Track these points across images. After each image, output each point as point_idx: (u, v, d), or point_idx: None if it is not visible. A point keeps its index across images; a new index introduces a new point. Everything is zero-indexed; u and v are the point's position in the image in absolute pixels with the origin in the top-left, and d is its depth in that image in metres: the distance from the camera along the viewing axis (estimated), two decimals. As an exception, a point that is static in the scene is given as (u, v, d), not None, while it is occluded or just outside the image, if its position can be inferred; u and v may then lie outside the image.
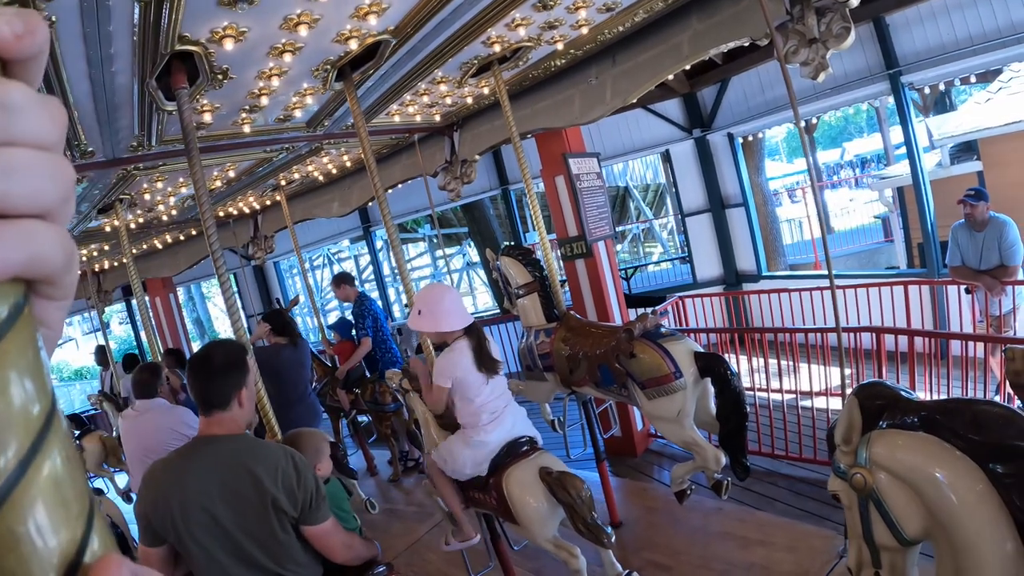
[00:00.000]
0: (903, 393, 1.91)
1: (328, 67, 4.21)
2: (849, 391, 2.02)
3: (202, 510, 2.43)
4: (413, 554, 5.75)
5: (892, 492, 1.83)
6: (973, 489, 1.69)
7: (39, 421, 0.39)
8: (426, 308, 3.73)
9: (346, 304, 8.04)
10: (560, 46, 5.12)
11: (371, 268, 16.19)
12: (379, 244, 15.14)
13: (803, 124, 11.21)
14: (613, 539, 3.43)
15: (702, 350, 4.15)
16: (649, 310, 5.29)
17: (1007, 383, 5.48)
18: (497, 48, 4.77)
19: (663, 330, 4.28)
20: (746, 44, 4.77)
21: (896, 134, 17.00)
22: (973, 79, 8.77)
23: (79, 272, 0.46)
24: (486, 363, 3.76)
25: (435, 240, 21.53)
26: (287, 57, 3.82)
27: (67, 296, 0.44)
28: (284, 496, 2.52)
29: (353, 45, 3.90)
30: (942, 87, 9.41)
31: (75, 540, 0.40)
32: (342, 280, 7.95)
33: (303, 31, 3.49)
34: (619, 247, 21.58)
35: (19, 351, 0.38)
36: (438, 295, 3.78)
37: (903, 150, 10.96)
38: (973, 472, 1.70)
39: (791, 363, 6.76)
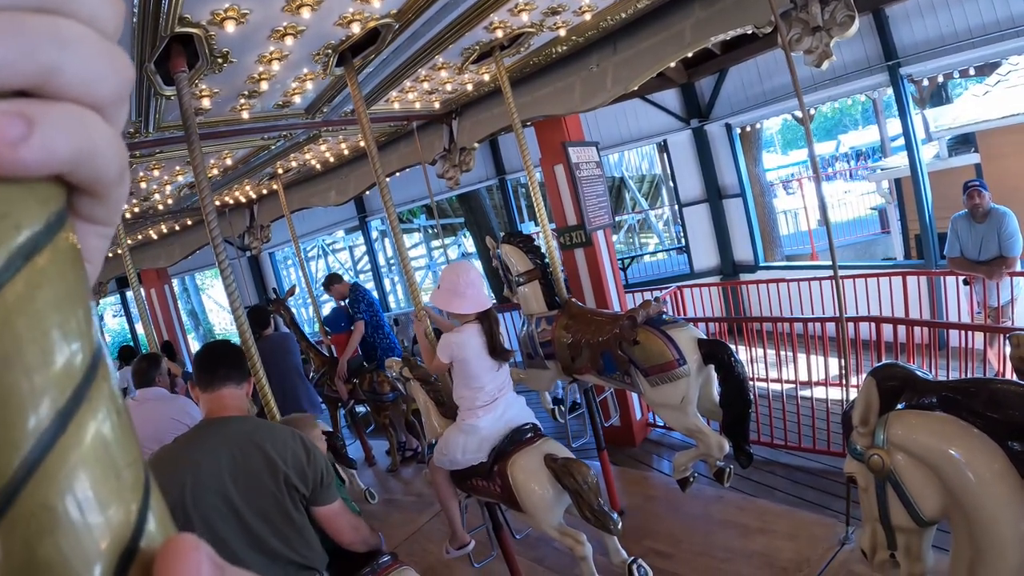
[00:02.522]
0: (919, 374, 1.90)
1: (329, 51, 4.17)
2: (851, 380, 2.01)
3: (215, 492, 2.40)
4: (413, 544, 5.74)
5: (910, 472, 1.82)
6: (991, 467, 1.68)
7: (83, 365, 0.31)
8: (444, 286, 3.79)
9: (343, 301, 8.04)
10: (562, 32, 5.09)
11: (366, 259, 16.12)
12: (375, 235, 15.08)
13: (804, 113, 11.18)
14: (620, 525, 3.42)
15: (705, 337, 4.14)
16: (651, 297, 5.27)
17: (1006, 372, 5.51)
18: (499, 33, 4.74)
19: (666, 317, 4.27)
20: (749, 32, 4.75)
21: (893, 126, 16.99)
22: (972, 72, 8.75)
23: (128, 190, 0.39)
24: (497, 351, 3.79)
25: (430, 231, 21.49)
26: (288, 40, 3.78)
27: (112, 220, 0.38)
28: (295, 475, 2.52)
29: (355, 29, 3.87)
30: (940, 79, 9.40)
31: (128, 521, 0.32)
32: (331, 281, 8.00)
33: (305, 13, 3.45)
34: (615, 237, 21.59)
35: (59, 274, 0.31)
36: (454, 276, 3.80)
37: (899, 142, 10.96)
38: (991, 450, 1.69)
39: (789, 353, 6.75)
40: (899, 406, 1.88)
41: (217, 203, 9.13)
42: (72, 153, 0.31)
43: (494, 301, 3.97)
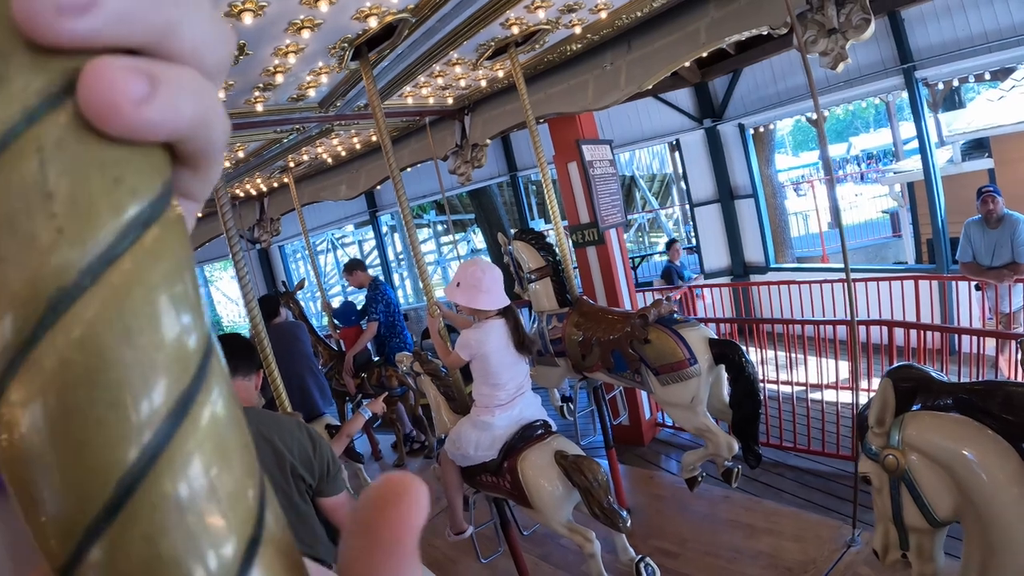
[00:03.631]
0: (935, 376, 1.90)
1: (345, 45, 4.18)
2: (862, 383, 2.02)
3: None
4: (420, 539, 5.74)
5: (924, 473, 1.83)
6: (1004, 468, 1.69)
7: (201, 342, 0.29)
8: (465, 282, 3.76)
9: (352, 290, 8.01)
10: (578, 30, 5.10)
11: (376, 253, 16.13)
12: (384, 229, 15.08)
13: (813, 117, 11.16)
14: (628, 523, 3.43)
15: (716, 337, 4.13)
16: (662, 297, 5.24)
17: (1017, 379, 5.49)
18: (515, 30, 4.74)
19: (677, 316, 4.26)
20: (764, 33, 4.74)
21: (905, 129, 16.93)
22: (987, 76, 8.70)
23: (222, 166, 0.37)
24: (525, 343, 3.82)
25: (440, 226, 21.51)
26: (305, 33, 3.79)
27: (203, 198, 0.36)
28: (301, 465, 2.54)
29: (372, 23, 3.87)
30: (956, 83, 9.34)
31: (249, 506, 0.30)
32: (354, 267, 7.91)
33: (323, 6, 3.46)
34: (625, 236, 21.49)
35: (173, 246, 0.29)
36: (479, 272, 3.77)
37: (912, 145, 10.88)
38: (1005, 452, 1.70)
39: (801, 355, 6.73)
40: (914, 407, 1.89)
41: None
42: (192, 118, 0.30)
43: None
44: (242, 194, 9.55)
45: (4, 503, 0.36)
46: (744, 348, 4.08)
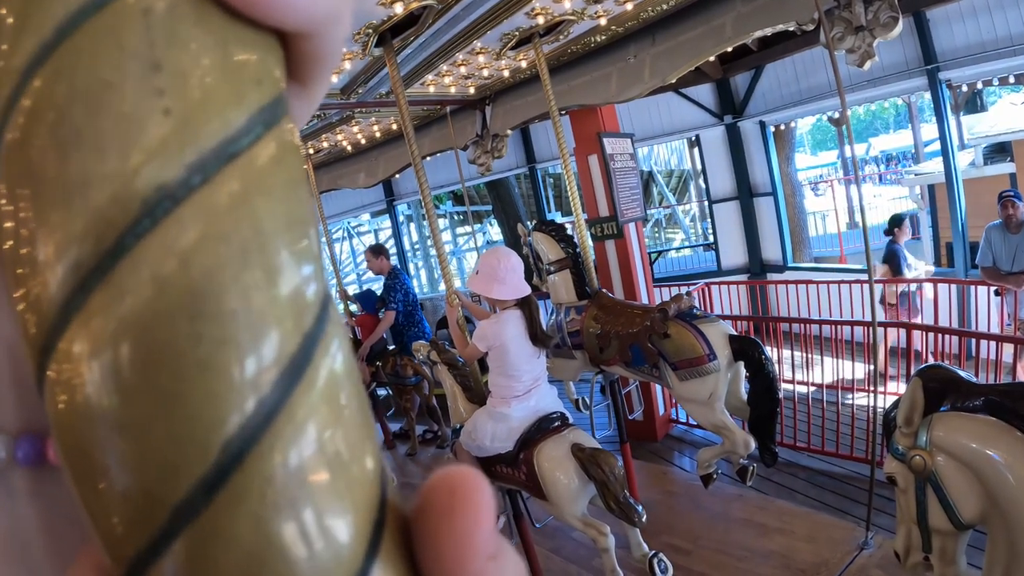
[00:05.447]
0: (965, 376, 1.89)
1: (370, 31, 4.17)
2: (879, 386, 2.01)
3: None
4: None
5: (951, 475, 1.82)
6: None
7: (322, 275, 0.24)
8: (483, 271, 3.78)
9: (368, 277, 7.99)
10: (603, 21, 5.07)
11: (392, 242, 16.17)
12: (401, 219, 15.09)
13: (834, 116, 11.07)
14: (644, 518, 3.42)
15: (736, 333, 4.11)
16: (683, 291, 5.17)
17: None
18: (540, 20, 4.71)
19: (697, 312, 4.24)
20: (791, 29, 4.70)
21: (925, 131, 16.80)
22: (1011, 80, 8.59)
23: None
24: (539, 337, 3.82)
25: (456, 217, 21.51)
26: (330, 19, 3.78)
27: (301, 123, 0.31)
28: None
29: (398, 9, 3.86)
30: (979, 85, 9.24)
31: (371, 482, 0.24)
32: (379, 251, 7.87)
33: (350, -9, 3.45)
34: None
35: (291, 161, 0.24)
36: (494, 261, 3.78)
37: (932, 147, 10.76)
38: None
39: (819, 356, 6.69)
40: (943, 408, 1.87)
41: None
42: (328, 8, 0.25)
43: None
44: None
45: (46, 477, 0.33)
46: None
